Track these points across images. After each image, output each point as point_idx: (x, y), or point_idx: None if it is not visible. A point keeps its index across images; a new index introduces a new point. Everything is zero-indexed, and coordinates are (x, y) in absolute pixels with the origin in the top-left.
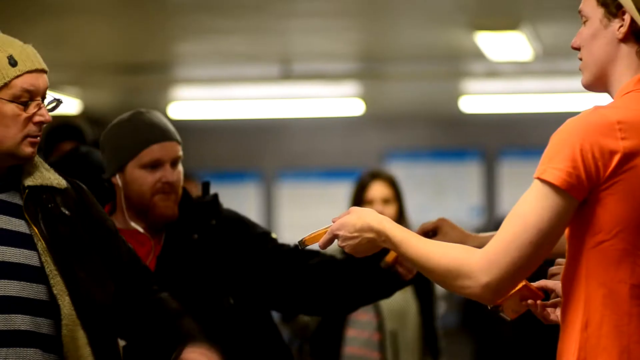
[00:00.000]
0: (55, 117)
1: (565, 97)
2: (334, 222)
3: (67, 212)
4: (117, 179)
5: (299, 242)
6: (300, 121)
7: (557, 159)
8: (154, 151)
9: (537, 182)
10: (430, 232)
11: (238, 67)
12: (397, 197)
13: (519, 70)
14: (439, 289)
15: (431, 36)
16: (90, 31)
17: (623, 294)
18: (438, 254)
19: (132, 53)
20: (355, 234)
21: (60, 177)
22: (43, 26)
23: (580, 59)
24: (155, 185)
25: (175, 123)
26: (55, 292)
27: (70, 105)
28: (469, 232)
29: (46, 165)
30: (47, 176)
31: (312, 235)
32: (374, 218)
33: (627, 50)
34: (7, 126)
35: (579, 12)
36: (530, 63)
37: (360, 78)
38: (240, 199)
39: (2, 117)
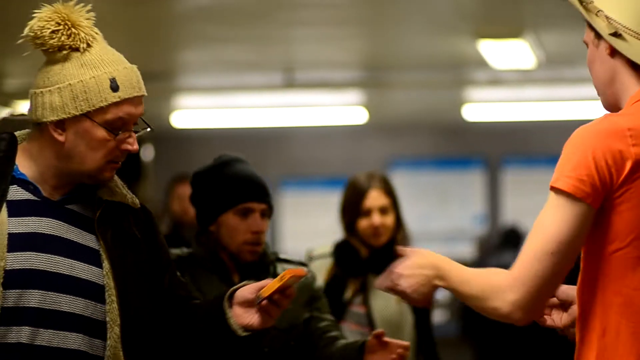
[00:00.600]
0: None
1: (569, 104)
2: (283, 275)
3: (137, 234)
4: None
5: (256, 296)
6: (303, 129)
7: (569, 167)
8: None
9: (552, 193)
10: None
11: (241, 75)
12: (394, 205)
13: (522, 78)
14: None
15: (434, 44)
16: None
17: (639, 301)
18: (472, 279)
19: (135, 61)
20: (416, 271)
21: (135, 197)
22: None
23: None
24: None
25: (179, 132)
26: (108, 318)
27: None
28: None
29: (121, 182)
30: (124, 193)
31: (267, 287)
32: (434, 253)
33: (620, 63)
34: (93, 149)
35: (584, 41)
36: (534, 71)
37: (363, 86)
38: None
39: (90, 139)
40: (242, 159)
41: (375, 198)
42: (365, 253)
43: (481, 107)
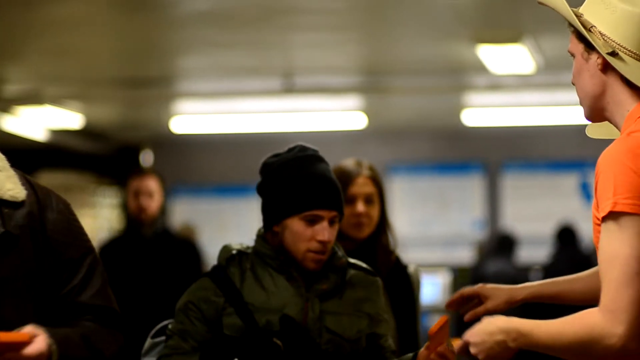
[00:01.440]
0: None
1: (568, 109)
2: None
3: (15, 232)
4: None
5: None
6: (302, 135)
7: (618, 190)
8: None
9: (609, 220)
10: (476, 299)
11: (240, 80)
12: (380, 197)
13: (521, 83)
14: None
15: (433, 49)
16: (93, 45)
17: None
18: (564, 331)
19: (135, 67)
20: (485, 337)
21: (22, 188)
22: (45, 40)
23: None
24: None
25: (178, 137)
26: None
27: (72, 120)
28: (513, 286)
29: (10, 171)
30: (1, 186)
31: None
32: (503, 319)
33: (612, 78)
34: None
35: (569, 51)
36: (533, 76)
37: (362, 91)
38: (243, 214)
39: None
40: (317, 155)
41: (362, 185)
42: (345, 248)
43: (480, 112)
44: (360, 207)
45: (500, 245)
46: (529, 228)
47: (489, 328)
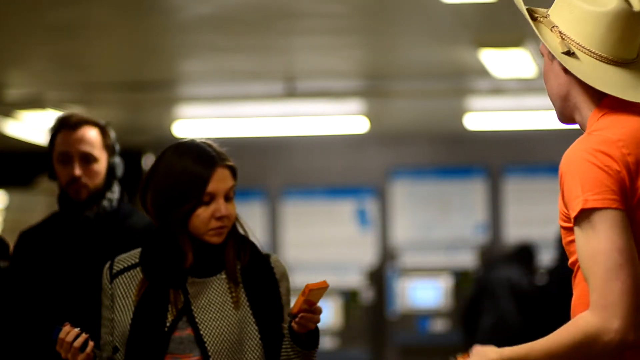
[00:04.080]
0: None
1: None
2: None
3: None
4: None
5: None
6: (304, 139)
7: (585, 187)
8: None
9: (583, 218)
10: None
11: (242, 84)
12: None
13: (523, 87)
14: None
15: (435, 53)
16: (95, 50)
17: None
18: (558, 339)
19: (137, 71)
20: None
21: None
22: (47, 45)
23: None
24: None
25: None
26: None
27: None
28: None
29: None
30: None
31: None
32: (493, 350)
33: (573, 80)
34: None
35: (540, 51)
36: (535, 80)
37: (364, 95)
38: (246, 217)
39: None
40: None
41: (221, 179)
42: (192, 258)
43: (482, 116)
44: (222, 207)
45: (519, 253)
46: (531, 232)
47: (482, 354)
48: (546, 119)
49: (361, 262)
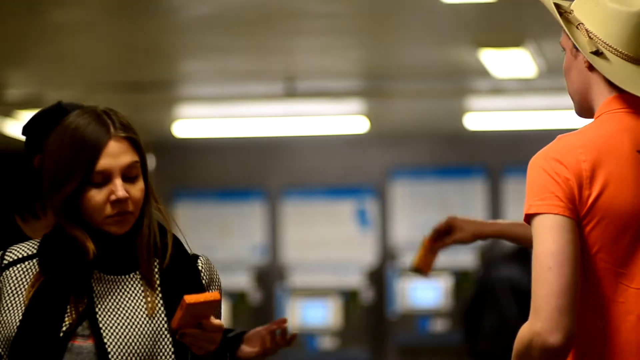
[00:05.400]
0: None
1: (570, 113)
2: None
3: None
4: None
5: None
6: (304, 139)
7: (532, 192)
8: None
9: (529, 223)
10: (444, 232)
11: (242, 84)
12: (143, 167)
13: (523, 87)
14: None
15: (435, 53)
16: (94, 50)
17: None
18: (514, 350)
19: (136, 71)
20: None
21: None
22: (47, 45)
23: None
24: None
25: (180, 141)
26: None
27: None
28: (484, 220)
29: None
30: None
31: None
32: None
33: (597, 77)
34: None
35: (560, 43)
36: (535, 80)
37: (364, 95)
38: (245, 217)
39: None
40: None
41: (115, 154)
42: (95, 248)
43: (482, 116)
44: (120, 188)
45: (517, 252)
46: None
47: None
48: (546, 119)
49: (361, 262)
